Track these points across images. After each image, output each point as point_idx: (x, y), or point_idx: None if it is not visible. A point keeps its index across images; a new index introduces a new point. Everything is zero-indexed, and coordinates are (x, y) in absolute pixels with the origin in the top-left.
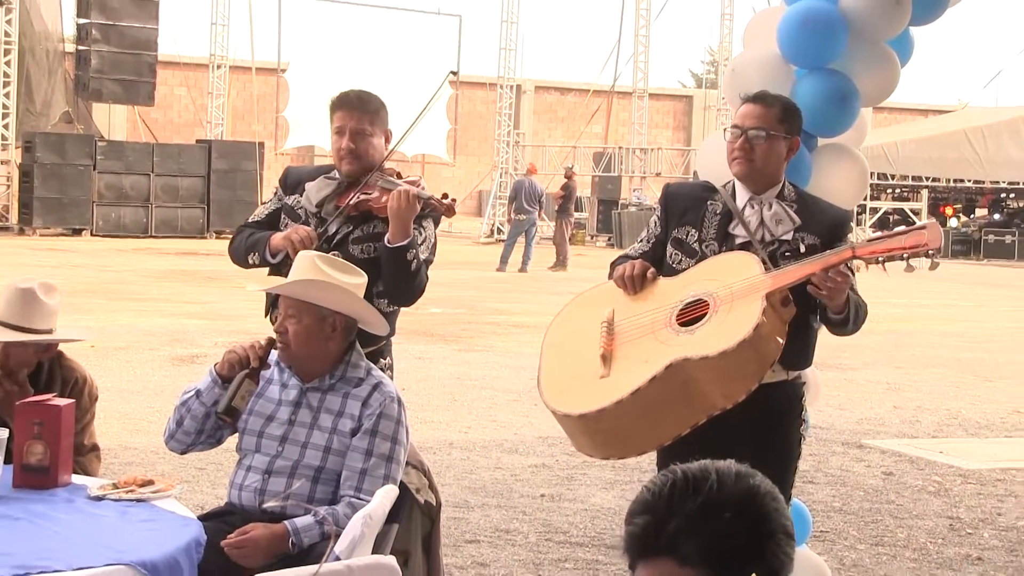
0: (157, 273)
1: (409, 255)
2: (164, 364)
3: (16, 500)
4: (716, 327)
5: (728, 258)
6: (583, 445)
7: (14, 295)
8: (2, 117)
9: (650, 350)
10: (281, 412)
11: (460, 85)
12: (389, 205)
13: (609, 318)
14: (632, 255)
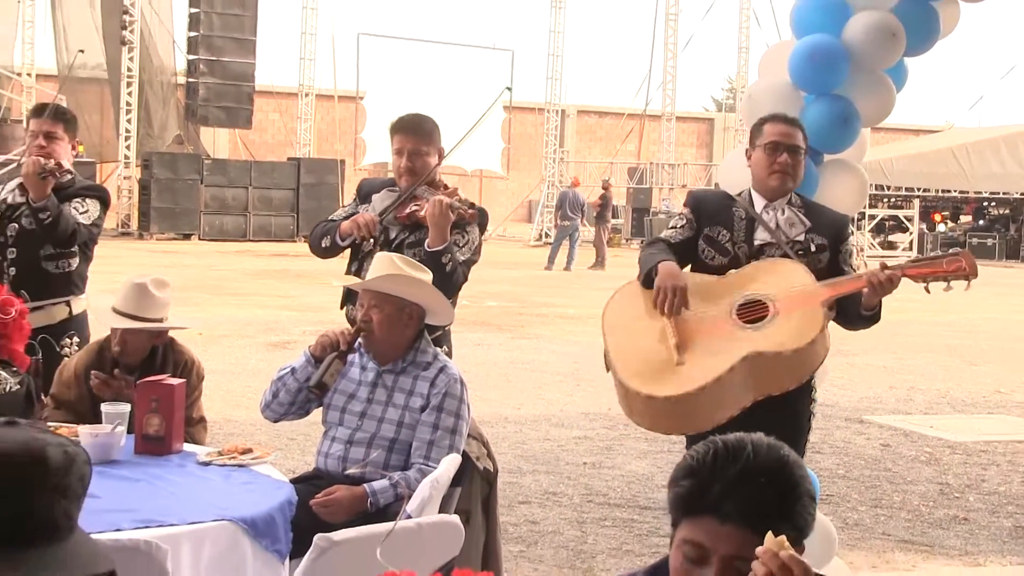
0: (254, 272)
1: (444, 258)
2: (260, 349)
3: (137, 464)
4: (782, 327)
5: (777, 264)
6: (648, 421)
7: (130, 289)
8: (125, 139)
9: (721, 342)
10: (361, 391)
11: (512, 110)
12: (427, 213)
13: None
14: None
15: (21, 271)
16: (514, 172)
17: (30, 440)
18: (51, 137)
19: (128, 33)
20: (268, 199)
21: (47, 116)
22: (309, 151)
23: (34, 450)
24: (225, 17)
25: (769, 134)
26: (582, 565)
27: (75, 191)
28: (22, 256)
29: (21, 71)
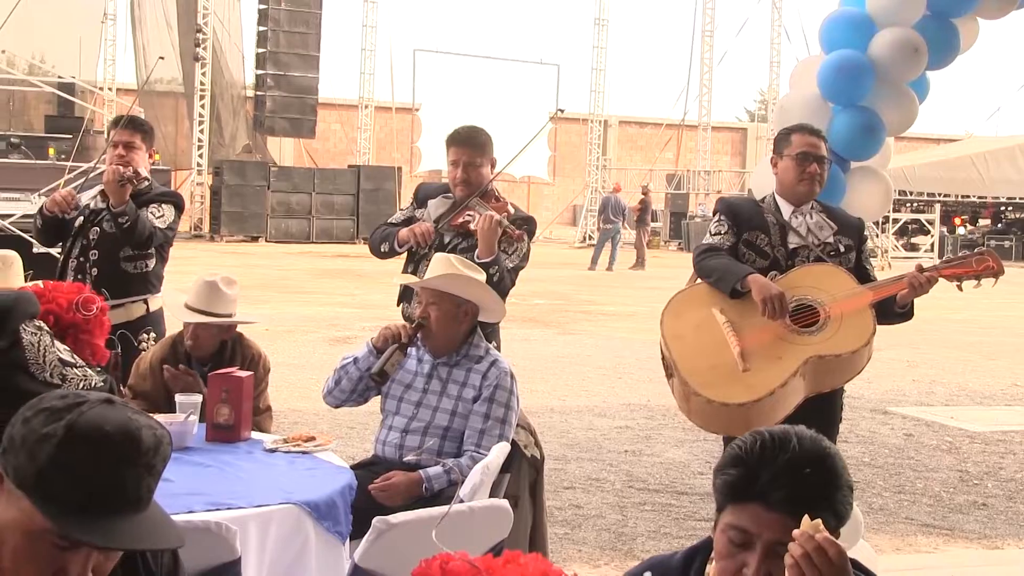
0: (316, 272)
1: (492, 270)
2: (322, 344)
3: (208, 451)
4: (837, 330)
5: (819, 269)
6: (708, 422)
7: (202, 287)
8: (198, 148)
9: (780, 348)
10: (417, 382)
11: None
12: (477, 227)
13: (730, 317)
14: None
15: (102, 271)
16: (559, 178)
17: (126, 420)
18: (130, 146)
19: (201, 50)
20: (330, 204)
21: (126, 127)
22: (368, 159)
23: (130, 430)
24: (291, 35)
25: (798, 144)
26: (623, 547)
27: (152, 197)
28: (103, 257)
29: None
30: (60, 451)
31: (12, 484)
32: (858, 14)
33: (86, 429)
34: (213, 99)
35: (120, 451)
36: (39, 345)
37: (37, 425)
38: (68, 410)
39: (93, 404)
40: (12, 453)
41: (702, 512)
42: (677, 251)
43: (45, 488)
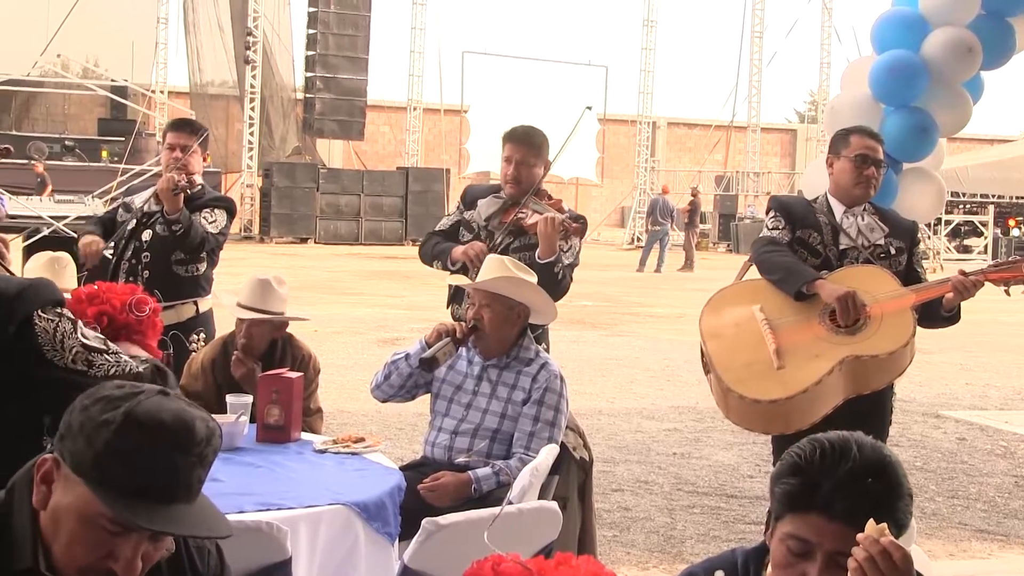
0: (365, 273)
1: (556, 268)
2: (370, 345)
3: (258, 452)
4: (876, 331)
5: (863, 271)
6: (745, 421)
7: (255, 284)
8: (248, 151)
9: (818, 346)
10: (467, 383)
11: (606, 122)
12: (538, 228)
13: (768, 316)
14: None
15: (154, 274)
16: (608, 180)
17: (181, 411)
18: (186, 149)
19: (251, 53)
20: (379, 205)
21: (182, 129)
22: (417, 161)
23: (185, 419)
24: (340, 37)
25: (857, 147)
26: (672, 549)
27: (205, 202)
28: (155, 260)
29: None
30: (117, 437)
31: (69, 469)
32: (911, 14)
33: (143, 416)
34: (263, 102)
35: (174, 439)
36: (55, 331)
37: (95, 413)
38: (125, 399)
39: (149, 395)
40: (70, 439)
41: (751, 515)
42: (726, 253)
43: (101, 473)
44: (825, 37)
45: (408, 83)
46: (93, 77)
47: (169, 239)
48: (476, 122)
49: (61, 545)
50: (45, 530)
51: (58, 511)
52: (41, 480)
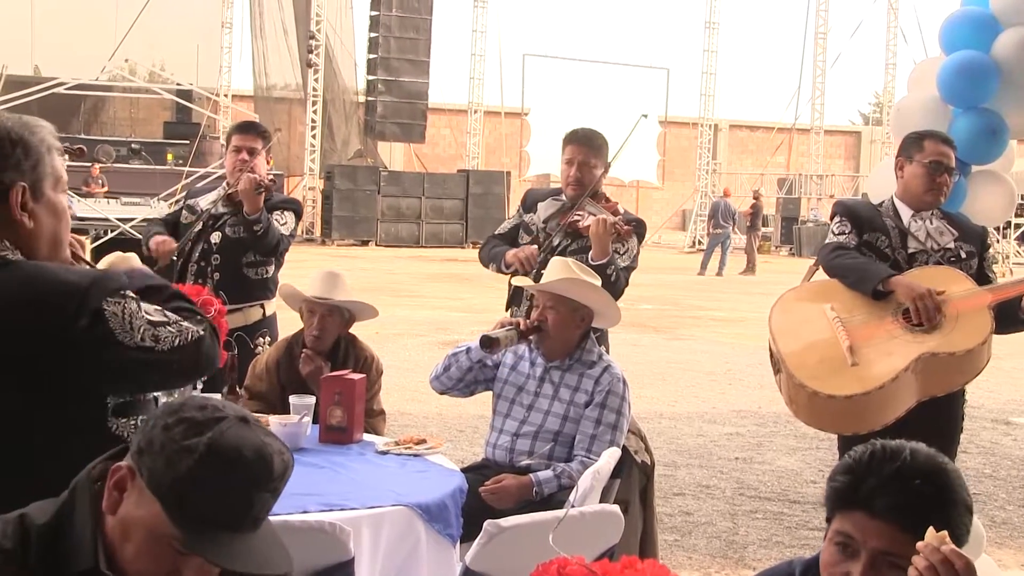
0: (426, 276)
1: (609, 270)
2: (431, 347)
3: (321, 453)
4: (952, 329)
5: (937, 271)
6: (816, 419)
7: (323, 275)
8: (310, 153)
9: (892, 344)
10: (529, 384)
11: (667, 124)
12: (591, 229)
13: (840, 314)
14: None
15: (224, 276)
16: (669, 183)
17: (262, 444)
18: (252, 151)
19: (314, 56)
20: (439, 208)
21: (247, 132)
22: (477, 164)
23: (264, 455)
24: (402, 40)
25: (931, 152)
26: (734, 555)
27: (275, 204)
28: (225, 262)
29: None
30: (199, 466)
31: (144, 484)
32: (981, 13)
33: (225, 449)
34: (325, 105)
35: (253, 475)
36: (123, 314)
37: (178, 435)
38: (208, 425)
39: (231, 422)
40: (149, 456)
41: (815, 521)
42: (788, 256)
43: (177, 497)
44: (891, 38)
45: (469, 86)
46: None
47: (241, 241)
48: (536, 125)
49: (127, 554)
50: (111, 536)
51: (128, 522)
52: (114, 486)
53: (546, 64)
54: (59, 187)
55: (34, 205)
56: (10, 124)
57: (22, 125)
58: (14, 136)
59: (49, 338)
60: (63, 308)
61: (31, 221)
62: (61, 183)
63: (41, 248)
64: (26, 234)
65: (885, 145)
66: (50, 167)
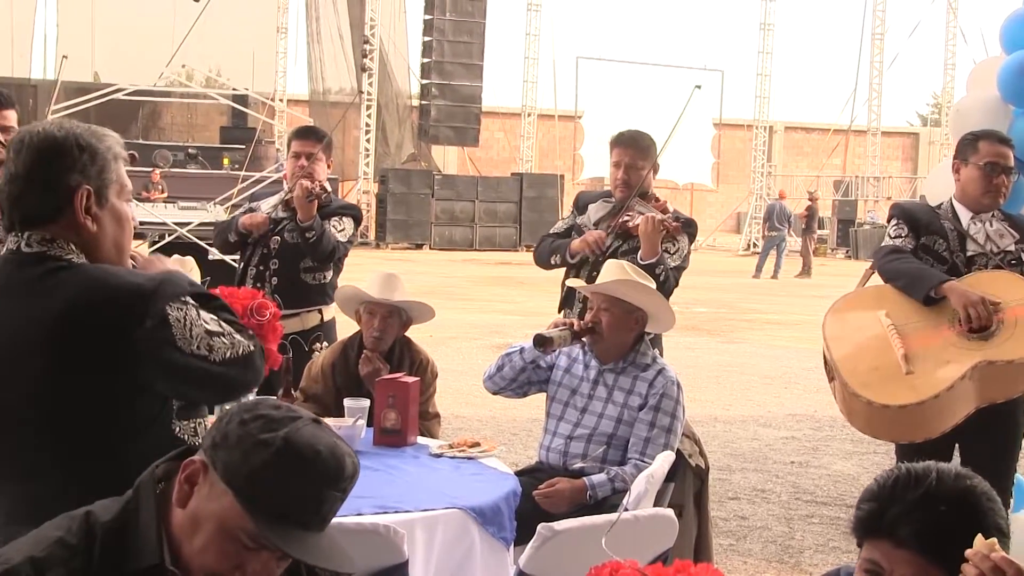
0: (480, 279)
1: (658, 269)
2: (485, 350)
3: (375, 455)
4: (1010, 335)
5: (995, 276)
6: (871, 428)
7: (381, 278)
8: (364, 157)
9: (948, 352)
10: (583, 387)
11: (722, 127)
12: (640, 227)
13: (895, 321)
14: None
15: (282, 281)
16: (723, 185)
17: (335, 445)
18: (312, 157)
19: (368, 61)
20: (493, 211)
21: (307, 138)
22: (531, 167)
23: (338, 456)
24: (455, 44)
25: (987, 153)
26: (790, 560)
27: (333, 210)
28: (283, 267)
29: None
30: (275, 459)
31: (218, 477)
32: None
33: (301, 445)
34: (379, 109)
35: (327, 472)
36: (185, 320)
37: (254, 430)
38: (284, 423)
39: (306, 422)
40: (224, 449)
41: None
42: (844, 259)
43: (251, 490)
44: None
45: (522, 89)
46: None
47: (299, 246)
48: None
49: (194, 548)
50: (179, 530)
51: (198, 515)
52: (185, 480)
53: (599, 67)
54: (123, 195)
55: (98, 210)
56: (79, 131)
57: (90, 132)
58: (82, 142)
59: (114, 337)
60: (131, 308)
61: (95, 225)
62: (126, 191)
63: (104, 253)
64: (90, 238)
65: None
66: (115, 174)
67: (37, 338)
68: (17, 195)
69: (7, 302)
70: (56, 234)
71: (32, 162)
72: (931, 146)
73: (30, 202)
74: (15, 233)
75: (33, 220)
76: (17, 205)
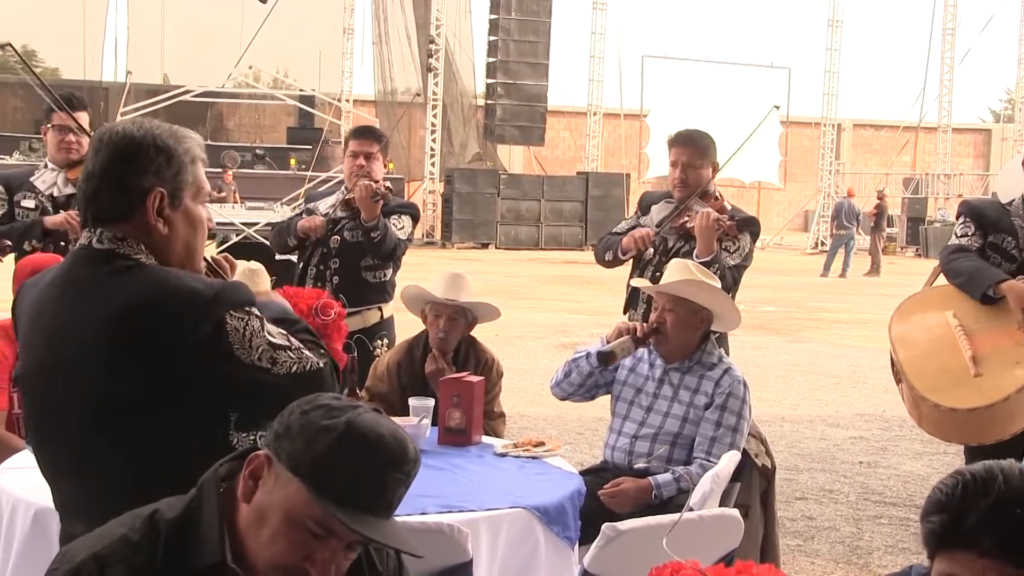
0: (545, 278)
1: (714, 268)
2: (550, 350)
3: (440, 454)
4: None
5: None
6: (940, 431)
7: (447, 277)
8: (430, 157)
9: (1018, 353)
10: (648, 386)
11: (789, 124)
12: (695, 225)
13: (963, 322)
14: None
15: (343, 279)
16: (790, 184)
17: (396, 430)
18: (369, 157)
19: (434, 61)
20: (559, 211)
21: (365, 137)
22: (596, 166)
23: (400, 439)
24: (521, 44)
25: None
26: (859, 561)
27: (392, 208)
28: (344, 266)
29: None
30: (339, 443)
31: (283, 468)
32: None
33: (364, 428)
34: (444, 109)
35: (390, 454)
36: (245, 331)
37: (317, 417)
38: (345, 410)
39: (366, 409)
40: (287, 439)
41: None
42: (914, 257)
43: (318, 475)
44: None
45: (588, 88)
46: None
47: (360, 245)
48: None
49: (261, 541)
50: (245, 525)
51: (264, 507)
52: (250, 475)
53: (665, 65)
54: (199, 198)
55: (171, 212)
56: (158, 131)
57: (170, 134)
58: (159, 143)
59: (168, 340)
60: (187, 313)
61: (166, 227)
62: (202, 194)
63: (174, 255)
64: (160, 239)
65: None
66: (192, 176)
67: (99, 335)
68: (92, 192)
69: (74, 296)
70: (127, 233)
71: (108, 161)
72: (1003, 142)
73: (103, 200)
74: (89, 228)
75: (105, 218)
76: (91, 202)
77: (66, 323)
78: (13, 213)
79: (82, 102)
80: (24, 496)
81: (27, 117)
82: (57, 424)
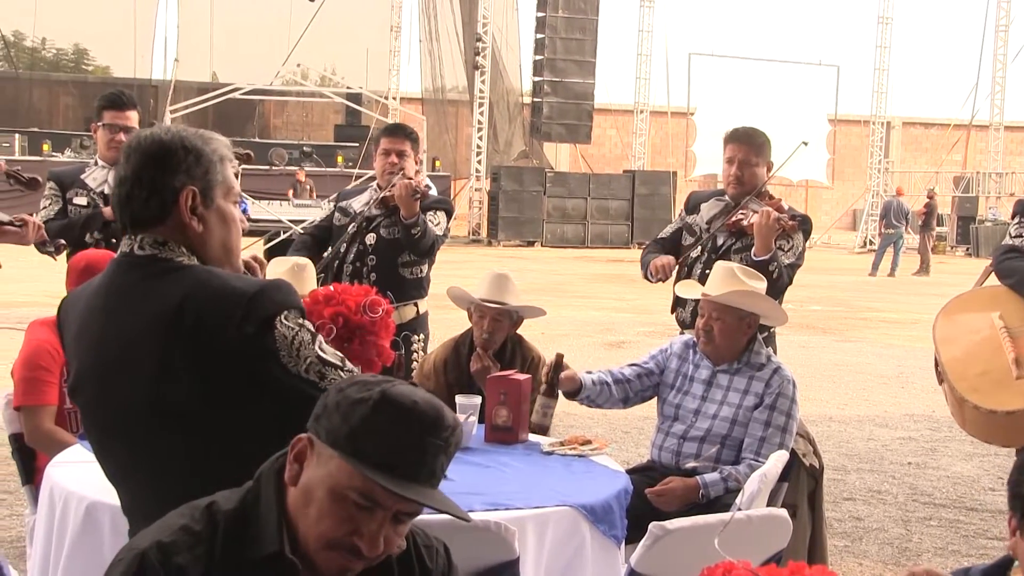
0: (592, 276)
1: (771, 267)
2: (597, 348)
3: (486, 452)
4: None
5: None
6: (983, 433)
7: (492, 278)
8: (476, 155)
9: None
10: (695, 388)
11: (838, 123)
12: (755, 224)
13: (1008, 323)
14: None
15: (380, 276)
16: (839, 182)
17: (431, 398)
18: (402, 154)
19: (480, 59)
20: (605, 209)
21: (397, 135)
22: (643, 164)
23: (435, 405)
24: (568, 41)
25: None
26: (907, 562)
27: (427, 205)
28: (381, 263)
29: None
30: (374, 412)
31: (323, 444)
32: None
33: (397, 397)
34: (491, 107)
35: (425, 421)
36: (293, 339)
37: (351, 392)
38: (379, 383)
39: (401, 382)
40: (325, 417)
41: (994, 530)
42: (964, 257)
43: (356, 445)
44: None
45: (635, 86)
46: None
47: (397, 241)
48: (703, 124)
49: (309, 520)
50: (294, 508)
51: (309, 485)
52: (294, 458)
53: (712, 63)
54: (230, 196)
55: (204, 211)
56: (185, 133)
57: (197, 135)
58: (188, 144)
59: (214, 340)
60: (229, 314)
61: (200, 225)
62: (232, 193)
63: (212, 253)
64: (196, 238)
65: None
66: (221, 175)
67: (150, 338)
68: (126, 197)
69: (119, 303)
70: (166, 236)
71: (139, 165)
72: None
73: (137, 204)
74: (128, 236)
75: (141, 222)
76: (126, 207)
77: (113, 330)
78: (67, 210)
79: (131, 100)
80: (76, 490)
81: (78, 115)
82: (114, 430)
